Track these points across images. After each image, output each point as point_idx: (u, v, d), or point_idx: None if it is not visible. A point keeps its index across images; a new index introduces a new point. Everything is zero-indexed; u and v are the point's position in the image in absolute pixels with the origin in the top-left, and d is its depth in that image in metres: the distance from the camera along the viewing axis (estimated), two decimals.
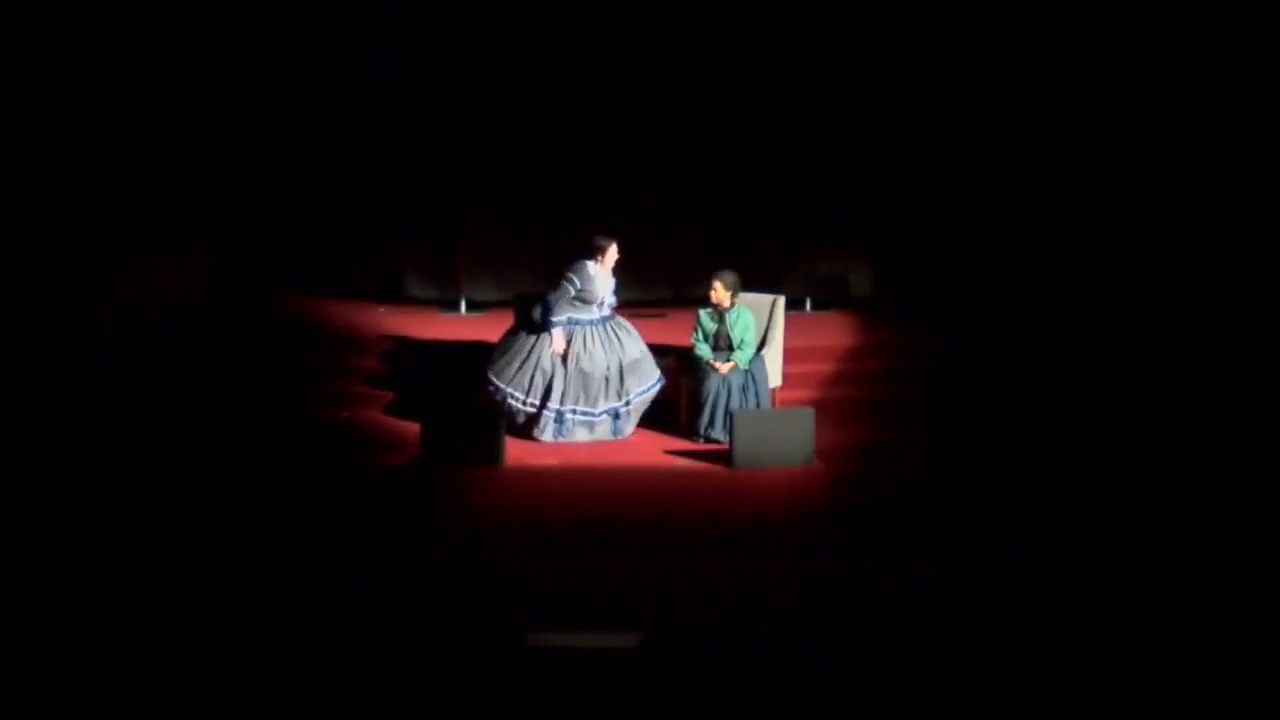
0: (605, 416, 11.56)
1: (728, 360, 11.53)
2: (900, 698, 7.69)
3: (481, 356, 12.46)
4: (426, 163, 13.96)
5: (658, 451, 11.47)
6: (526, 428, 11.55)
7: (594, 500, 10.58)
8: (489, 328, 13.15)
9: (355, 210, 14.08)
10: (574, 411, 11.48)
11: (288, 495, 10.55)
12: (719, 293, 11.62)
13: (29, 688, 7.74)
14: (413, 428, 11.48)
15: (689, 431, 11.66)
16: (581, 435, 11.54)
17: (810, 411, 11.31)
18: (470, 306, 14.01)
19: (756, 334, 11.69)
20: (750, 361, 11.55)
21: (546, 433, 11.51)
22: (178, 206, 13.72)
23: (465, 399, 11.80)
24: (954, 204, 13.74)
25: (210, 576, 9.26)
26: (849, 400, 12.10)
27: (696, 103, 13.77)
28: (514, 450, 11.30)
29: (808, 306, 13.89)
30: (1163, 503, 10.06)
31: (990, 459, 11.00)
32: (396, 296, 14.21)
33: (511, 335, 11.75)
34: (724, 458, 11.17)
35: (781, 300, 12.08)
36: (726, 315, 11.63)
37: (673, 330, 12.37)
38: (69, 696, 7.68)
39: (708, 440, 11.52)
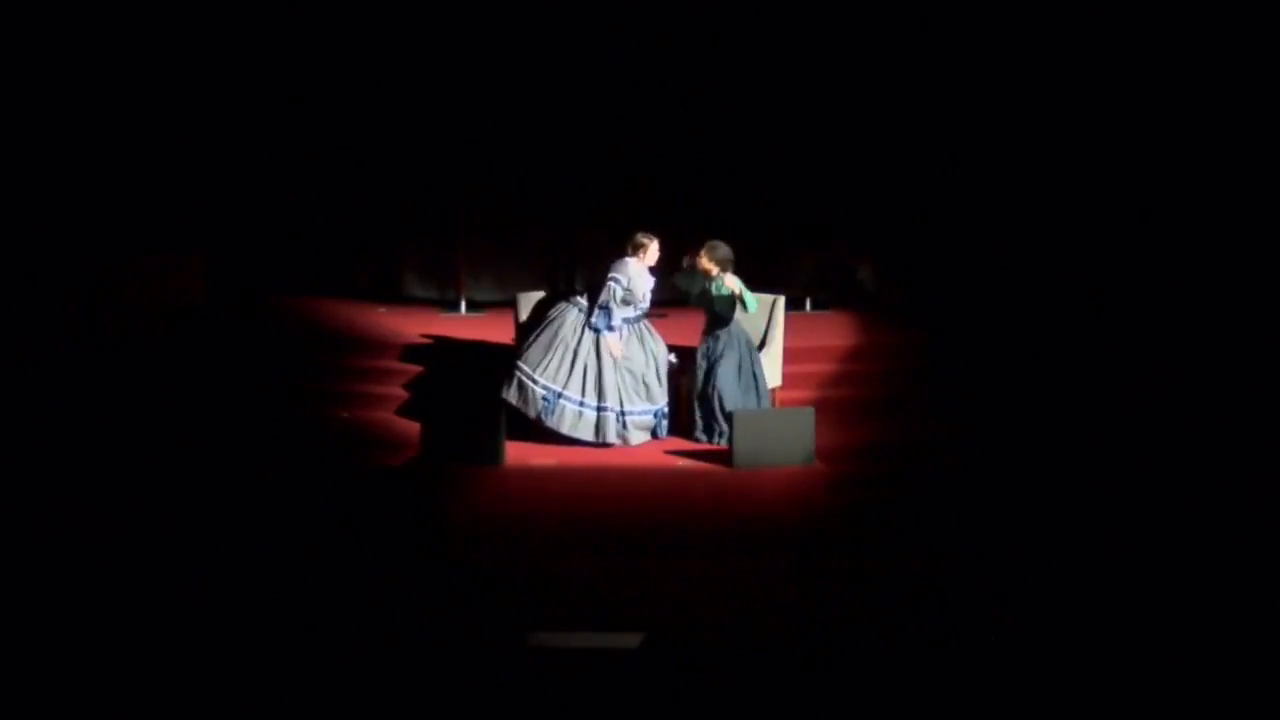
0: (654, 416, 11.51)
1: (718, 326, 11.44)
2: (899, 698, 7.69)
3: (481, 357, 12.47)
4: (426, 163, 13.97)
5: (658, 451, 11.47)
6: (578, 430, 11.41)
7: (594, 500, 10.58)
8: (489, 328, 13.17)
9: (355, 210, 14.09)
10: (631, 413, 11.42)
11: (288, 495, 10.55)
12: (704, 261, 11.50)
13: (29, 687, 7.74)
14: (413, 428, 11.48)
15: (689, 431, 11.65)
16: (638, 438, 11.48)
17: (810, 411, 11.31)
18: (470, 306, 14.01)
19: (748, 293, 11.50)
20: (754, 306, 11.48)
21: (610, 433, 11.41)
22: (178, 207, 13.73)
23: (465, 399, 11.79)
24: (954, 204, 13.74)
25: (210, 577, 9.26)
26: (849, 400, 12.09)
27: (696, 102, 13.78)
28: (514, 450, 11.30)
29: (808, 306, 13.90)
30: (1163, 503, 10.06)
31: (990, 459, 11.00)
32: (396, 296, 14.22)
33: (554, 335, 11.52)
34: (724, 458, 11.16)
35: (781, 300, 12.08)
36: (714, 284, 11.51)
37: (673, 330, 12.35)
38: (69, 696, 7.68)
39: (707, 436, 11.51)
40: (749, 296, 11.50)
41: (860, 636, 8.45)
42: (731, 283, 11.41)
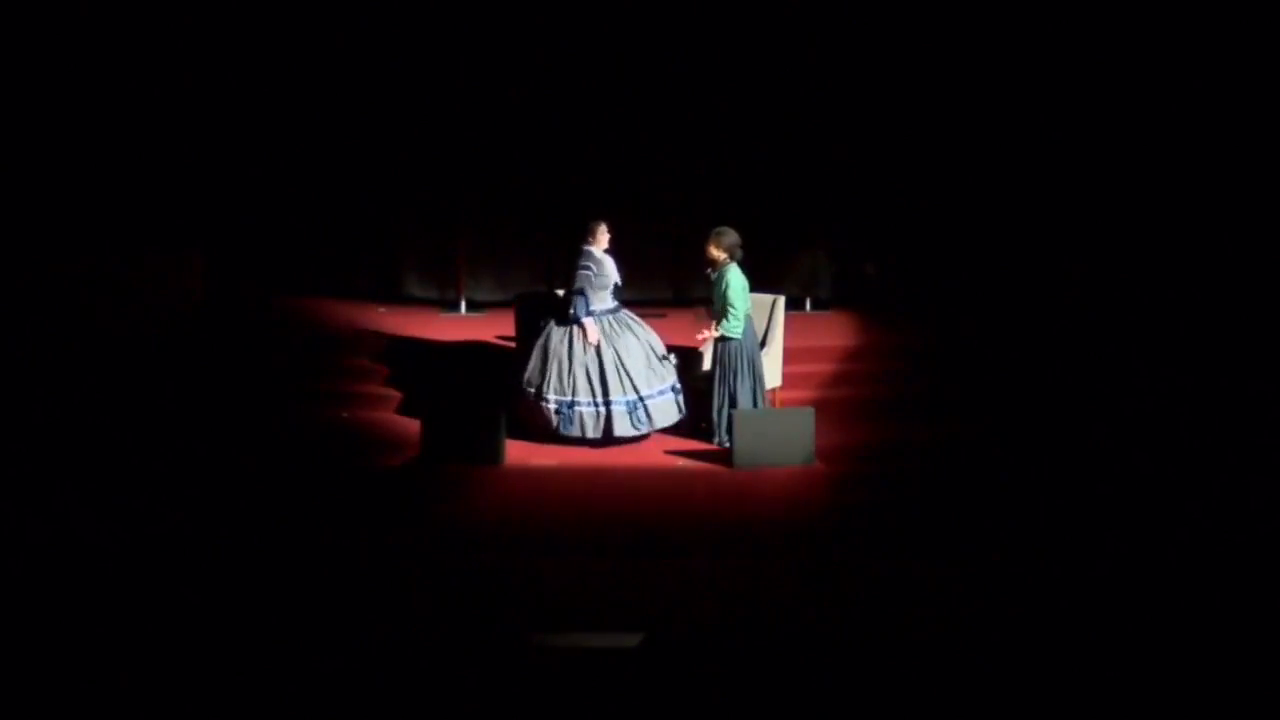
0: (669, 394, 11.49)
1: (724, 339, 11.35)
2: (900, 698, 7.69)
3: (481, 357, 12.47)
4: (427, 163, 13.96)
5: (658, 451, 11.46)
6: (594, 429, 11.36)
7: (594, 500, 10.58)
8: (489, 328, 13.18)
9: (355, 210, 14.08)
10: (650, 395, 11.38)
11: (288, 495, 10.55)
12: (711, 249, 11.41)
13: (29, 687, 7.74)
14: (413, 428, 11.48)
15: (692, 429, 11.66)
16: (661, 421, 11.43)
17: (810, 411, 11.30)
18: (470, 306, 14.01)
19: (743, 299, 11.36)
20: (737, 331, 11.32)
21: (622, 426, 11.34)
22: (177, 206, 13.73)
23: (465, 399, 11.80)
24: (954, 203, 13.74)
25: (210, 576, 9.26)
26: (849, 400, 12.09)
27: (696, 102, 13.78)
28: (514, 450, 11.30)
29: (808, 306, 13.89)
30: (1163, 503, 10.06)
31: (990, 459, 11.00)
32: (396, 296, 14.22)
33: (544, 348, 11.49)
34: (724, 458, 11.16)
35: (781, 300, 12.07)
36: (716, 275, 11.44)
37: (673, 330, 12.36)
38: (69, 696, 7.68)
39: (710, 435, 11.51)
40: (735, 310, 11.25)
41: (860, 636, 8.45)
42: (732, 278, 11.29)
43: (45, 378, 11.88)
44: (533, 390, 11.41)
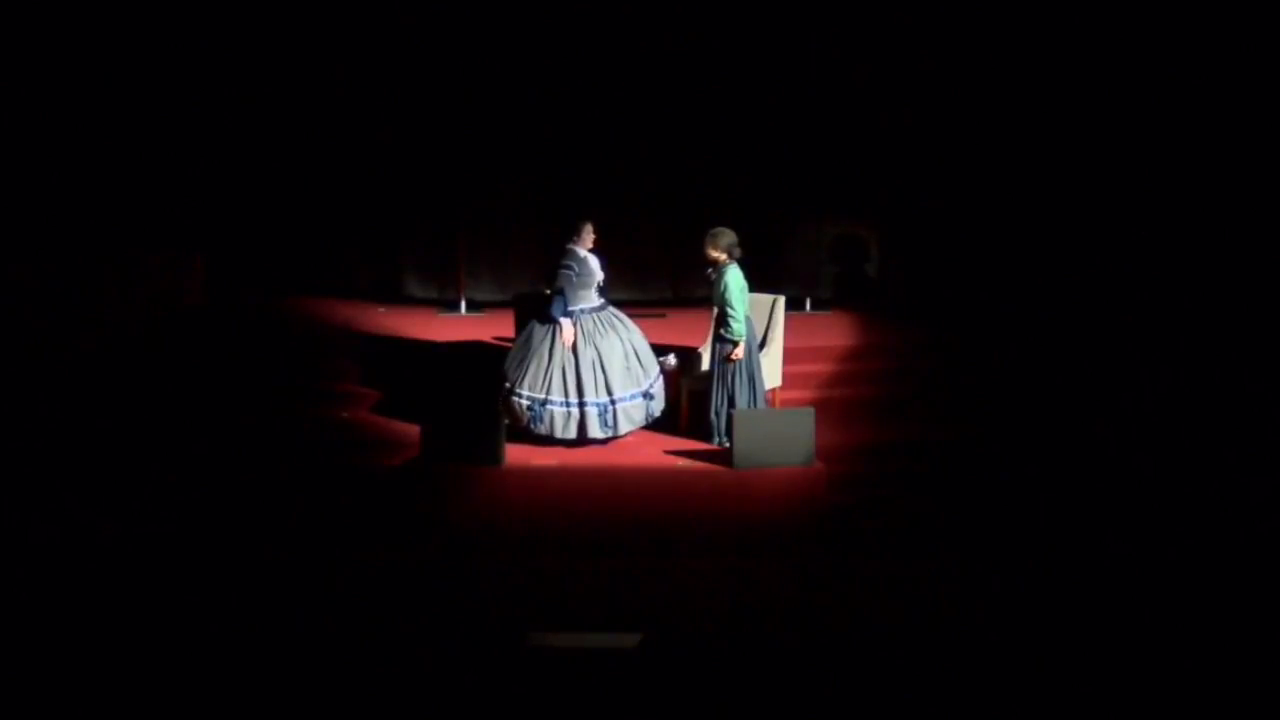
0: (639, 399, 11.48)
1: (722, 340, 11.30)
2: (899, 697, 7.69)
3: (481, 357, 12.47)
4: (427, 163, 13.97)
5: (658, 451, 11.46)
6: (568, 431, 11.32)
7: (594, 500, 10.58)
8: (489, 328, 13.18)
9: (355, 210, 14.09)
10: (621, 399, 11.38)
11: (287, 495, 10.55)
12: (709, 250, 11.36)
13: (29, 687, 7.74)
14: (413, 428, 11.48)
15: (689, 431, 11.65)
16: (625, 426, 11.45)
17: (810, 411, 11.29)
18: (470, 306, 14.01)
19: (741, 298, 11.26)
20: (740, 334, 11.27)
21: (594, 428, 11.34)
22: (177, 207, 13.73)
23: (465, 399, 11.79)
24: (954, 204, 13.73)
25: (210, 576, 9.27)
26: (849, 400, 12.09)
27: (697, 103, 13.78)
28: (514, 451, 11.29)
29: (808, 306, 13.89)
30: (1163, 502, 10.06)
31: (990, 458, 11.00)
32: (396, 296, 14.22)
33: (525, 345, 11.53)
34: (724, 458, 11.16)
35: (781, 300, 12.06)
36: (716, 275, 11.41)
37: (673, 330, 12.34)
38: (69, 696, 7.68)
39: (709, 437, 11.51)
40: (734, 312, 11.17)
41: (859, 636, 8.45)
42: (731, 279, 11.25)
43: (46, 377, 11.89)
44: (508, 385, 11.42)
